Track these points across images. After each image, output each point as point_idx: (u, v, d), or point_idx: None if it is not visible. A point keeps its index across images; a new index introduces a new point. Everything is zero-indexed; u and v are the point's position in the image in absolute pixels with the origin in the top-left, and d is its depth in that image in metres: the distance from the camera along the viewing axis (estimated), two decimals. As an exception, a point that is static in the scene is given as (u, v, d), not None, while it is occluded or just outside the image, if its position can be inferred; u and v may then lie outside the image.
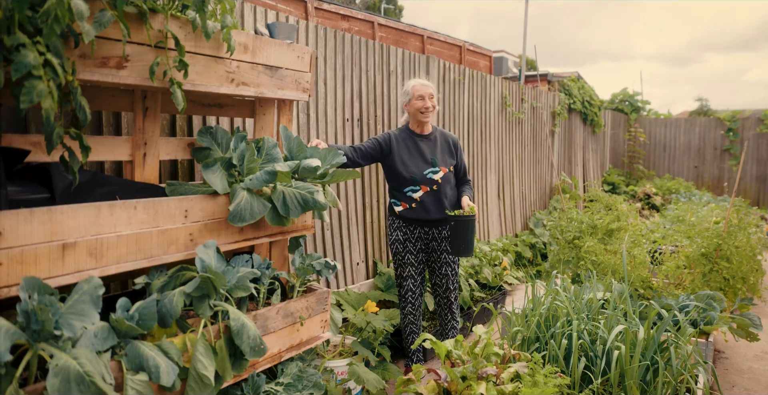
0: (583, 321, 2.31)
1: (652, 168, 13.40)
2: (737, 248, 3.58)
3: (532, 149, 7.51)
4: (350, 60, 4.04)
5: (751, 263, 3.68)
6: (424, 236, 3.12)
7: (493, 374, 1.89)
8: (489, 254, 4.31)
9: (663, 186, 11.64)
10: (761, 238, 3.91)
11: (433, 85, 3.24)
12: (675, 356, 2.19)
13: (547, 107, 8.14)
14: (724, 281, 3.54)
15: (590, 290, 2.81)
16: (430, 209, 3.05)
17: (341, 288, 3.76)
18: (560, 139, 8.77)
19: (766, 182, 12.21)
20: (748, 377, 3.55)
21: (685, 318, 2.56)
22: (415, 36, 7.25)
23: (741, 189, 12.44)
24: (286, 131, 2.51)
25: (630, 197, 11.04)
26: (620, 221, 3.79)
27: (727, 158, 12.65)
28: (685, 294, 3.27)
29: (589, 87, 10.62)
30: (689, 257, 3.62)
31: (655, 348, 2.18)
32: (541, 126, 7.81)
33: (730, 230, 3.68)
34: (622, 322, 2.28)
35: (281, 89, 2.51)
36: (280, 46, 2.46)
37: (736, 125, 12.56)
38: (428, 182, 3.05)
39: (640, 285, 3.34)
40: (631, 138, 13.39)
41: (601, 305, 2.57)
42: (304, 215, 2.44)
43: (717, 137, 12.81)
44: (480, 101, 5.94)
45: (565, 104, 8.88)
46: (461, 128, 5.57)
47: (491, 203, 6.12)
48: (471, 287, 3.94)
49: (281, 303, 2.16)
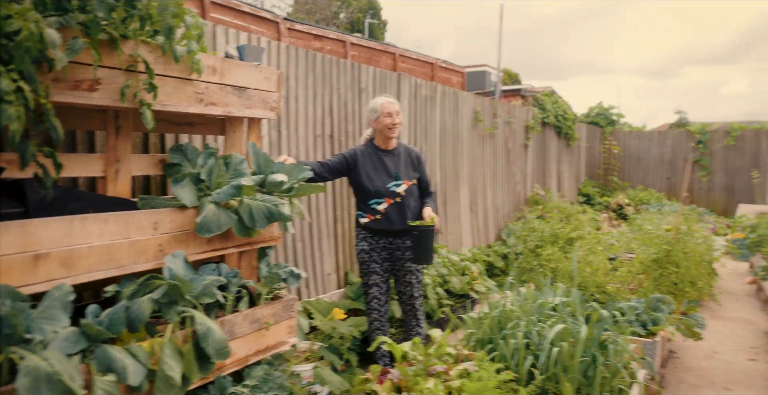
0: (532, 323, 2.47)
1: (626, 179, 13.73)
2: (686, 254, 3.79)
3: (506, 162, 7.73)
4: (322, 78, 4.22)
5: (701, 268, 3.88)
6: (389, 246, 3.28)
7: (443, 371, 2.04)
8: (458, 263, 4.48)
9: (636, 197, 11.95)
10: (710, 246, 4.12)
11: (398, 102, 3.43)
12: (613, 353, 2.36)
13: (521, 122, 8.39)
14: (674, 285, 3.73)
15: (548, 295, 2.98)
16: (393, 221, 3.22)
17: (313, 298, 3.90)
18: (534, 152, 9.01)
19: (733, 191, 12.58)
20: (695, 374, 3.75)
21: (625, 320, 2.73)
22: (387, 54, 7.48)
23: (711, 199, 12.80)
24: (255, 147, 2.67)
25: (604, 208, 11.31)
26: (579, 231, 3.99)
27: (697, 169, 13.02)
28: (637, 298, 3.45)
29: (563, 101, 10.92)
30: (643, 263, 3.82)
31: (595, 345, 2.34)
32: (514, 140, 8.04)
33: (678, 237, 3.89)
34: (568, 323, 2.45)
35: (249, 108, 2.66)
36: (248, 67, 2.62)
37: (706, 137, 12.97)
38: (392, 194, 3.22)
39: (596, 290, 3.52)
40: (605, 151, 13.74)
41: (552, 308, 2.73)
42: (271, 226, 2.58)
43: (688, 149, 13.19)
44: (452, 116, 6.14)
45: (539, 118, 9.14)
46: (433, 142, 5.76)
47: (463, 216, 6.30)
48: (439, 296, 4.10)
49: (248, 310, 2.30)
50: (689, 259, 3.84)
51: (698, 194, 12.96)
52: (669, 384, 3.59)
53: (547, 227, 3.97)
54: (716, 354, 4.20)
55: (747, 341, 4.54)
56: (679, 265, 3.71)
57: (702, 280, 4.00)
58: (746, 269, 7.53)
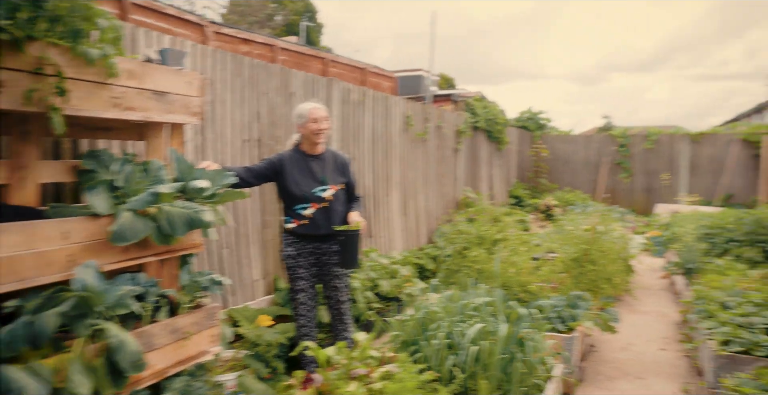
0: (455, 324, 2.54)
1: (555, 181, 14.29)
2: (602, 252, 4.01)
3: (437, 166, 7.88)
4: (250, 83, 4.17)
5: (617, 265, 4.12)
6: (316, 251, 3.28)
7: (365, 374, 2.07)
8: (388, 267, 4.53)
9: (563, 198, 12.46)
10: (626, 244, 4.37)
11: (326, 108, 3.44)
12: (531, 349, 2.46)
13: (452, 126, 8.58)
14: (592, 282, 3.94)
15: (472, 296, 3.07)
16: (320, 225, 3.23)
17: (240, 305, 3.84)
18: (465, 156, 9.24)
19: (651, 192, 13.36)
20: (611, 366, 3.97)
21: (544, 317, 2.86)
22: (317, 59, 7.49)
23: (632, 199, 13.54)
24: (176, 153, 2.61)
25: (533, 210, 11.73)
26: (504, 232, 4.14)
27: (620, 172, 13.74)
28: (558, 296, 3.62)
29: (493, 106, 11.25)
30: (564, 262, 4.01)
31: (514, 343, 2.44)
32: (446, 144, 8.22)
33: (596, 236, 4.11)
34: (488, 322, 2.54)
35: (170, 113, 2.60)
36: (169, 72, 2.56)
37: (628, 141, 13.70)
38: (318, 199, 3.23)
39: (520, 290, 3.67)
40: (535, 154, 14.27)
41: (475, 308, 2.82)
42: (192, 233, 2.53)
43: (611, 152, 13.89)
44: (383, 121, 6.21)
45: (470, 122, 9.38)
46: (364, 147, 5.80)
47: (394, 219, 6.38)
48: (368, 299, 4.13)
49: (167, 320, 2.24)
50: (606, 257, 4.06)
51: (620, 195, 13.66)
52: (587, 376, 3.78)
53: (473, 230, 4.10)
54: (632, 346, 4.45)
55: (660, 332, 4.84)
56: (597, 263, 3.92)
57: (618, 276, 4.24)
58: (662, 265, 8.01)
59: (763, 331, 3.46)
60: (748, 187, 11.93)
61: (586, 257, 3.93)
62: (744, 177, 12.25)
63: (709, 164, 12.81)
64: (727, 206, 10.93)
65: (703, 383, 3.43)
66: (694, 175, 12.97)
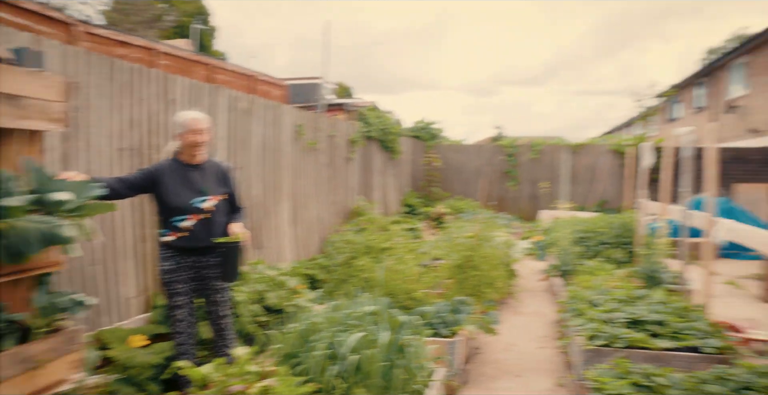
0: (336, 334, 2.54)
1: (448, 190, 14.79)
2: (485, 258, 4.20)
3: (330, 175, 7.88)
4: (127, 88, 3.93)
5: (500, 270, 4.33)
6: (195, 264, 3.15)
7: (242, 390, 2.00)
8: (276, 278, 4.44)
9: (455, 206, 12.94)
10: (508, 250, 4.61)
11: (208, 118, 3.32)
12: (412, 355, 2.51)
13: (345, 135, 8.63)
14: (475, 287, 4.12)
15: (358, 305, 3.08)
16: (200, 238, 3.10)
17: (114, 325, 3.58)
18: (358, 165, 9.33)
19: (536, 199, 14.25)
20: (494, 366, 4.17)
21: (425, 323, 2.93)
22: (202, 65, 7.25)
23: (519, 206, 14.35)
24: (32, 162, 2.39)
25: (426, 218, 12.07)
26: (391, 241, 4.22)
27: (508, 180, 14.53)
28: (443, 302, 3.73)
29: (387, 116, 11.47)
30: (449, 268, 4.15)
31: (396, 350, 2.48)
32: (338, 153, 8.24)
33: (479, 243, 4.30)
34: (370, 331, 2.56)
35: (24, 119, 2.37)
36: (23, 73, 2.34)
37: (515, 150, 14.53)
38: (197, 211, 3.10)
39: (405, 297, 3.74)
40: (428, 163, 14.72)
41: (359, 317, 2.83)
42: (49, 250, 2.32)
43: (500, 161, 14.65)
44: (273, 130, 6.11)
45: (363, 132, 9.49)
46: (253, 156, 5.67)
47: (284, 229, 6.28)
48: (254, 313, 4.02)
49: (15, 348, 2.03)
50: (488, 262, 4.25)
51: (509, 202, 14.44)
52: (471, 377, 3.93)
53: (361, 239, 4.13)
54: (513, 346, 4.69)
55: (539, 331, 5.14)
56: (479, 268, 4.10)
57: (501, 281, 4.45)
58: (544, 268, 8.54)
59: (623, 325, 3.78)
60: (618, 194, 13.07)
61: (469, 263, 4.10)
62: (615, 185, 13.44)
63: (587, 173, 13.93)
64: (602, 211, 11.90)
65: (573, 376, 3.68)
66: (574, 183, 14.02)
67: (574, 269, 6.14)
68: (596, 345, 3.53)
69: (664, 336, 3.62)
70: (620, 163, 13.35)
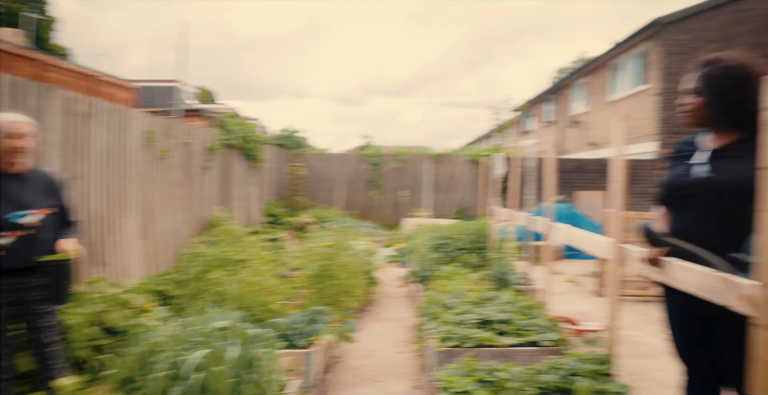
0: (180, 352, 2.37)
1: (314, 199, 14.75)
2: (343, 267, 4.22)
3: (185, 185, 7.46)
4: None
5: (359, 278, 4.37)
6: (14, 287, 2.77)
7: (62, 428, 1.78)
8: (118, 296, 4.08)
9: (320, 215, 12.92)
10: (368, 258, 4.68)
11: (31, 121, 2.95)
12: (264, 369, 2.43)
13: (202, 143, 8.24)
14: (333, 296, 4.12)
15: (209, 321, 2.91)
16: (19, 257, 2.73)
17: None
18: (217, 174, 8.95)
19: (399, 207, 14.72)
20: (354, 374, 4.20)
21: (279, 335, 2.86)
22: (29, 60, 6.49)
23: (383, 214, 14.72)
24: None
25: (290, 227, 11.92)
26: (247, 252, 4.08)
27: (372, 189, 14.84)
28: (300, 312, 3.68)
29: (248, 123, 11.16)
30: (308, 278, 4.10)
31: (246, 365, 2.38)
32: (194, 162, 7.84)
33: (337, 251, 4.32)
34: (217, 347, 2.43)
35: None
36: None
37: (380, 160, 14.89)
38: (14, 227, 2.73)
39: (261, 310, 3.63)
40: (292, 172, 14.57)
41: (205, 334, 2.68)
42: None
43: (365, 170, 14.92)
44: (118, 136, 5.65)
45: (222, 139, 9.13)
46: (94, 165, 5.19)
47: (131, 244, 5.82)
48: (91, 337, 3.65)
49: None
50: (346, 271, 4.28)
51: (373, 211, 14.74)
52: (330, 386, 3.91)
53: (213, 252, 3.94)
54: (374, 352, 4.76)
55: (399, 336, 5.27)
56: (337, 277, 4.10)
57: (360, 289, 4.49)
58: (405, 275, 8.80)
59: (474, 325, 4.00)
60: (476, 201, 13.92)
61: (327, 272, 4.09)
62: (472, 193, 14.34)
63: (448, 182, 14.72)
64: (461, 218, 12.59)
65: (427, 378, 3.81)
66: (436, 191, 14.72)
67: (432, 275, 6.39)
68: (448, 346, 3.69)
69: (510, 334, 3.89)
70: (477, 172, 14.26)
